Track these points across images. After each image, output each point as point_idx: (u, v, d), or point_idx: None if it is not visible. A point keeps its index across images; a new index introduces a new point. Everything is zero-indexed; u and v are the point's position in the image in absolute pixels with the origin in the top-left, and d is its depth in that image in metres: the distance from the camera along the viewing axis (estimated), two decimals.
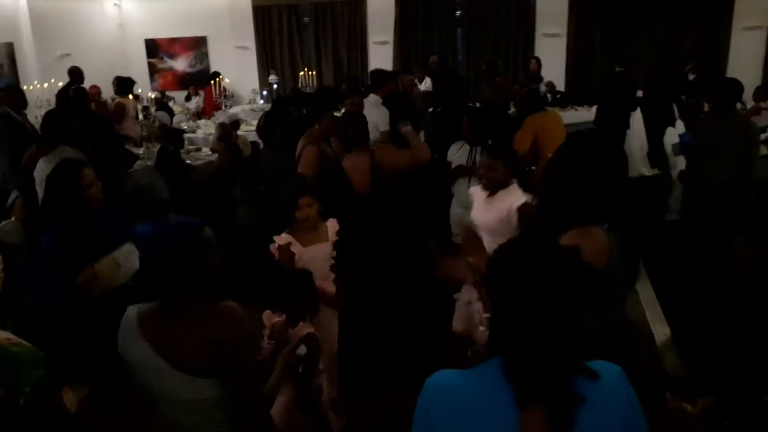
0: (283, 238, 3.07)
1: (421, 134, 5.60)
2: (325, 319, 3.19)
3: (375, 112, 5.50)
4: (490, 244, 2.97)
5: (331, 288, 3.14)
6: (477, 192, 3.15)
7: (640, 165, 6.22)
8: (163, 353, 1.76)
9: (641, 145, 5.32)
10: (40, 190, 3.93)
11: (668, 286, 4.46)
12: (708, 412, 1.78)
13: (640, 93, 6.27)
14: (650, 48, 9.75)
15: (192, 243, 1.77)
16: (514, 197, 2.88)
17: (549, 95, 8.52)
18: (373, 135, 5.23)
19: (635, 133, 5.11)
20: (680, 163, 5.15)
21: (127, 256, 2.89)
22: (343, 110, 5.11)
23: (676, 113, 5.61)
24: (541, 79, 8.64)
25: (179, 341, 1.76)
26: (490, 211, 2.97)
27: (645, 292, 4.72)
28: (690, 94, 6.63)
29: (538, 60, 8.98)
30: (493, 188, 3.02)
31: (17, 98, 5.81)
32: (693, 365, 3.31)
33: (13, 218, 4.54)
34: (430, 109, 6.89)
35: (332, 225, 3.17)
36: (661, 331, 4.13)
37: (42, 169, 4.40)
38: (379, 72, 6.17)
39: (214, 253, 1.81)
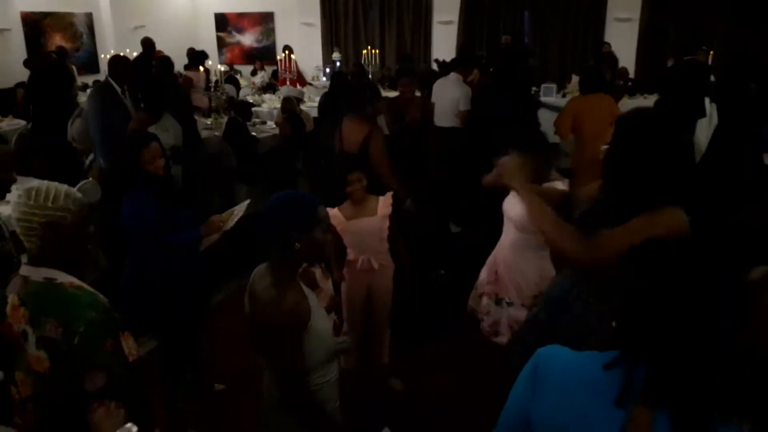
0: (336, 217, 3.11)
1: None
2: (382, 282, 3.25)
3: (457, 90, 5.58)
4: (516, 239, 2.96)
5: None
6: None
7: None
8: (250, 313, 1.94)
9: (708, 136, 5.11)
10: None
11: None
12: None
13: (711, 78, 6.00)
14: (730, 37, 9.27)
15: (302, 213, 1.89)
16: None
17: (621, 82, 8.25)
18: (452, 111, 5.29)
19: (705, 123, 4.92)
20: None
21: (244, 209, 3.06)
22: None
23: None
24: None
25: (255, 312, 1.91)
26: (520, 204, 2.86)
27: None
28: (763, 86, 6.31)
29: (610, 46, 8.70)
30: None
31: (122, 70, 5.32)
32: None
33: (90, 178, 4.80)
34: None
35: (385, 200, 3.16)
36: None
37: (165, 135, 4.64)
38: (466, 55, 6.22)
39: (322, 227, 1.93)
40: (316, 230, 1.90)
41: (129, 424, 1.37)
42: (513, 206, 2.93)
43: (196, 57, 8.24)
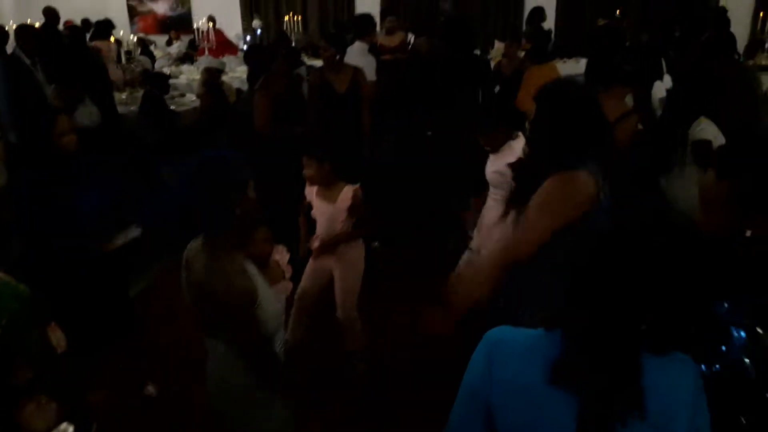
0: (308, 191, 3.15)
1: None
2: (352, 259, 3.17)
3: (361, 61, 5.17)
4: (493, 198, 3.01)
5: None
6: None
7: None
8: (188, 294, 1.85)
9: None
10: None
11: None
12: None
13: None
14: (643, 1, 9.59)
15: (233, 172, 1.76)
16: (514, 152, 2.83)
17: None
18: None
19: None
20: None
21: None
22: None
23: (664, 67, 5.60)
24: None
25: (194, 290, 1.81)
26: (493, 165, 2.98)
27: None
28: (676, 49, 6.61)
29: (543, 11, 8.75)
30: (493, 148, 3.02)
31: (29, 40, 5.07)
32: None
33: None
34: None
35: (347, 192, 3.02)
36: None
37: (85, 114, 4.42)
38: (364, 17, 5.78)
39: (245, 187, 1.80)
40: (249, 189, 1.80)
41: (64, 424, 1.26)
42: (488, 168, 3.02)
43: (103, 26, 7.72)
